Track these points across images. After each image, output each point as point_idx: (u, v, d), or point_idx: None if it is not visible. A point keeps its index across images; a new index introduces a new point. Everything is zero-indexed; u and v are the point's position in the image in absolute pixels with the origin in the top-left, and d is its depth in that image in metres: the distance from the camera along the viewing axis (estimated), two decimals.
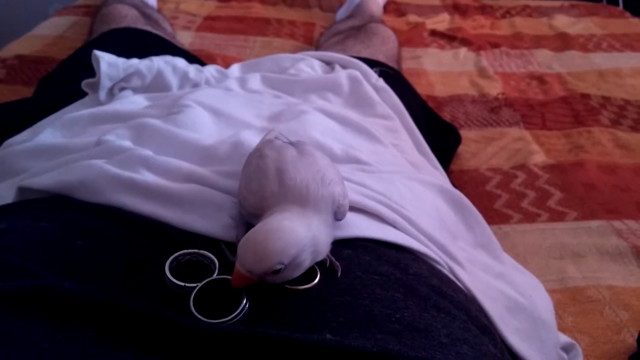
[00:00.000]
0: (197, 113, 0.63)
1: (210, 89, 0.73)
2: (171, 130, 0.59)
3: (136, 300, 0.37)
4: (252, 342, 0.35)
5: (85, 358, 0.33)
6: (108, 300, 0.36)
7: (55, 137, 0.64)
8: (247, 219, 0.44)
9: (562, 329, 0.63)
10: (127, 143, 0.56)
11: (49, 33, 1.31)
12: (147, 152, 0.53)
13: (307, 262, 0.39)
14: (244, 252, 0.37)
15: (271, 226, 0.38)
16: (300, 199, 0.41)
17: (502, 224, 0.82)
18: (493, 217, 0.83)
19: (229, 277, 0.39)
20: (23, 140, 0.66)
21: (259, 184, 0.43)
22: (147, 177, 0.49)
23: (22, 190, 0.52)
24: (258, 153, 0.46)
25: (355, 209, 0.50)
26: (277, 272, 0.38)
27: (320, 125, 0.64)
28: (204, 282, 0.39)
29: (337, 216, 0.44)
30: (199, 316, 0.37)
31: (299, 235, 0.38)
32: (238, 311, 0.37)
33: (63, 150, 0.59)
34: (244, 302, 0.38)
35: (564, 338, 0.60)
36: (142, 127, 0.59)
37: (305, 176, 0.42)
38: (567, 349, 0.59)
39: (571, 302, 0.69)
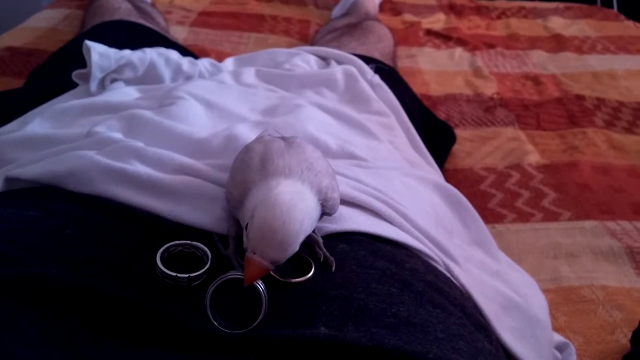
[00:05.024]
0: (190, 105, 0.62)
1: (204, 81, 0.72)
2: (163, 122, 0.58)
3: (126, 290, 0.36)
4: (245, 340, 0.35)
5: (72, 346, 0.32)
6: (96, 289, 0.35)
7: (44, 128, 0.63)
8: (233, 213, 0.43)
9: (555, 328, 0.63)
10: (118, 135, 0.55)
11: (41, 25, 1.30)
12: (139, 144, 0.52)
13: (308, 231, 0.38)
14: (266, 242, 0.35)
15: (281, 206, 0.36)
16: (283, 175, 0.39)
17: (496, 223, 0.82)
18: (487, 216, 0.82)
19: (239, 276, 0.37)
20: (11, 130, 0.64)
21: (243, 175, 0.41)
22: (139, 168, 0.48)
23: (9, 180, 0.51)
24: (245, 148, 0.45)
25: (350, 203, 0.49)
26: None
27: (315, 120, 0.64)
28: (216, 283, 0.37)
29: (326, 209, 0.42)
30: (214, 321, 0.36)
31: (305, 208, 0.37)
32: (254, 325, 0.36)
33: (52, 140, 0.58)
34: (262, 314, 0.36)
35: (558, 337, 0.60)
36: (134, 119, 0.58)
37: (289, 161, 0.40)
38: (560, 348, 0.59)
39: (565, 302, 0.68)
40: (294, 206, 0.37)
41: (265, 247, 0.36)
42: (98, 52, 0.72)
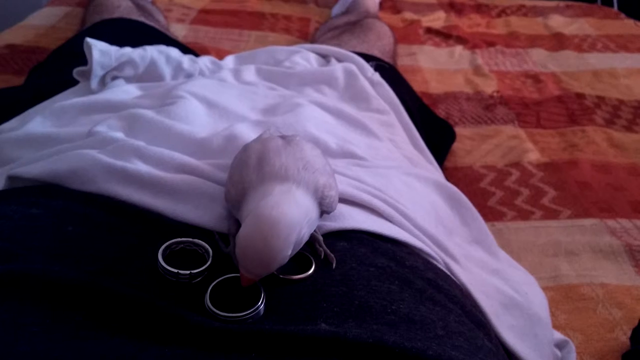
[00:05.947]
0: (190, 104, 0.62)
1: (204, 80, 0.72)
2: (164, 122, 0.58)
3: (127, 287, 0.36)
4: (246, 336, 0.35)
5: (75, 341, 0.32)
6: (98, 285, 0.35)
7: (45, 126, 0.63)
8: (232, 212, 0.43)
9: (555, 326, 0.63)
10: (119, 134, 0.55)
11: (42, 23, 1.30)
12: (140, 143, 0.52)
13: (306, 236, 0.38)
14: (249, 261, 0.36)
15: (264, 223, 0.36)
16: (278, 178, 0.40)
17: (495, 222, 0.82)
18: (487, 214, 0.82)
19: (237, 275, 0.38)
20: (12, 128, 0.65)
21: (240, 175, 0.42)
22: (140, 166, 0.49)
23: (11, 179, 0.51)
24: (244, 147, 0.45)
25: (351, 202, 0.50)
26: None
27: (315, 119, 0.64)
28: (218, 280, 0.38)
29: (323, 207, 0.42)
30: (214, 309, 0.36)
31: (293, 219, 0.37)
32: (251, 310, 0.37)
33: (54, 139, 0.58)
34: (260, 302, 0.37)
35: (558, 335, 0.60)
36: (134, 118, 0.58)
37: (286, 161, 0.41)
38: (560, 345, 0.59)
39: (564, 300, 0.69)
40: (278, 222, 0.36)
41: (249, 266, 0.36)
42: (99, 50, 0.72)
